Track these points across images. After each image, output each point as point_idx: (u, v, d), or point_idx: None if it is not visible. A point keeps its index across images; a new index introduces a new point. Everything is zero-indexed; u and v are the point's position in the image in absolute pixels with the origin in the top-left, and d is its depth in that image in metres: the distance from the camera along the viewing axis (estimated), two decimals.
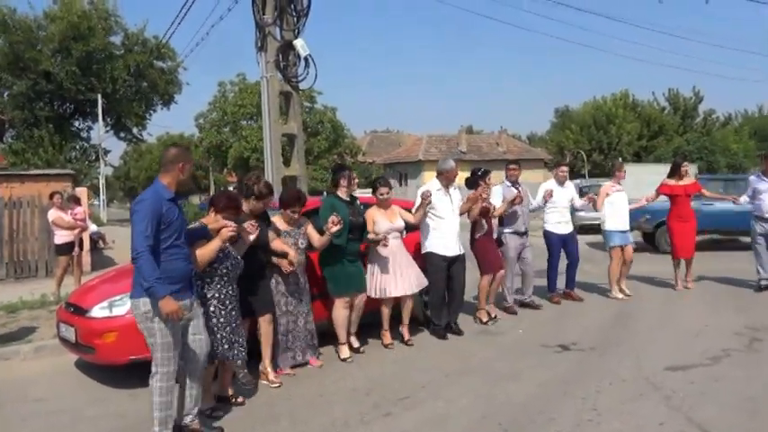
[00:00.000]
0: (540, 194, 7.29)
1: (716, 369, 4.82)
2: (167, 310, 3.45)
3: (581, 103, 42.76)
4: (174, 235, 3.61)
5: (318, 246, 5.16)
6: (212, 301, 4.10)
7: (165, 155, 3.80)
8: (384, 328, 5.78)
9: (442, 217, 5.99)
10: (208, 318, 4.03)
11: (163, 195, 3.61)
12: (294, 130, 9.55)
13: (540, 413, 4.05)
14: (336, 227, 4.91)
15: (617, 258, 7.63)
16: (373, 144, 49.73)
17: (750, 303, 7.11)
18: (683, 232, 7.94)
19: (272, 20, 9.02)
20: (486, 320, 6.56)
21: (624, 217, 7.65)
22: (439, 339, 5.99)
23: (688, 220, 7.98)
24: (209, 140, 34.62)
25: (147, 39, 29.46)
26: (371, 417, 4.13)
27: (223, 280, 4.14)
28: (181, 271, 3.65)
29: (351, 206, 5.46)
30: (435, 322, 6.12)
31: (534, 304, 7.27)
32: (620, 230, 7.62)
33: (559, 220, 7.46)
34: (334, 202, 5.44)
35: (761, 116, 40.86)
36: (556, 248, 7.49)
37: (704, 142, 28.93)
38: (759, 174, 7.91)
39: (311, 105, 33.20)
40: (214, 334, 4.05)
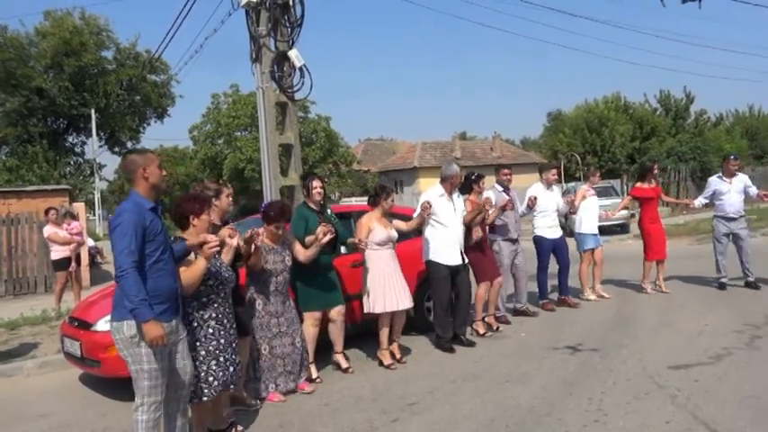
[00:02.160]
0: (526, 200, 7.28)
1: (719, 367, 4.86)
2: (153, 335, 3.14)
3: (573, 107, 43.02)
4: (160, 249, 3.31)
5: (304, 259, 4.85)
6: (210, 322, 3.78)
7: (125, 165, 3.48)
8: (382, 347, 5.46)
9: (444, 224, 5.79)
10: (207, 341, 3.74)
11: (143, 205, 3.32)
12: (291, 140, 9.58)
13: (548, 415, 4.08)
14: (327, 237, 4.70)
15: (588, 261, 7.85)
16: (368, 152, 49.79)
17: (746, 302, 7.16)
18: (657, 234, 8.15)
19: (267, 31, 9.07)
20: (483, 332, 6.37)
21: (595, 220, 7.89)
22: (444, 353, 5.76)
23: (658, 221, 8.25)
24: (204, 152, 34.58)
25: (139, 53, 29.53)
26: (380, 423, 4.15)
27: (220, 297, 3.84)
28: (168, 289, 3.34)
29: (321, 215, 5.19)
30: (440, 334, 5.88)
31: (529, 312, 7.17)
32: (592, 233, 7.84)
33: (549, 224, 7.44)
34: (303, 211, 5.21)
35: (752, 116, 41.17)
36: (546, 253, 7.45)
37: (697, 143, 29.07)
38: (720, 175, 8.23)
39: (305, 115, 33.24)
40: (216, 358, 3.75)
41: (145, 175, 3.38)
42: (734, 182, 8.02)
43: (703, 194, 8.56)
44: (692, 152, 27.16)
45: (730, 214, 7.95)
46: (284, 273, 4.79)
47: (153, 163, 3.43)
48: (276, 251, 4.78)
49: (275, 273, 4.72)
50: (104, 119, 28.96)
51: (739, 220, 7.97)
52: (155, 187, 3.43)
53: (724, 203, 8.00)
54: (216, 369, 3.76)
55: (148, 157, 3.48)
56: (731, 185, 8.00)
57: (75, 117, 28.69)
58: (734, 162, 8.19)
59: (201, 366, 3.72)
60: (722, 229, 8.02)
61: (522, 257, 7.10)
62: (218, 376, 3.76)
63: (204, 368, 3.73)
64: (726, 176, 8.11)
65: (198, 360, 3.71)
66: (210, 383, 3.74)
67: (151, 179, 3.40)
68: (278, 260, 4.76)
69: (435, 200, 5.73)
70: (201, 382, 3.71)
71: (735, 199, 7.97)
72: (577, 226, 7.92)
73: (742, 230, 7.93)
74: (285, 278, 4.81)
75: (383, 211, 5.45)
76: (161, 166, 3.49)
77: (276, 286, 4.74)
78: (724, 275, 8.05)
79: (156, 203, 3.42)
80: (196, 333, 3.74)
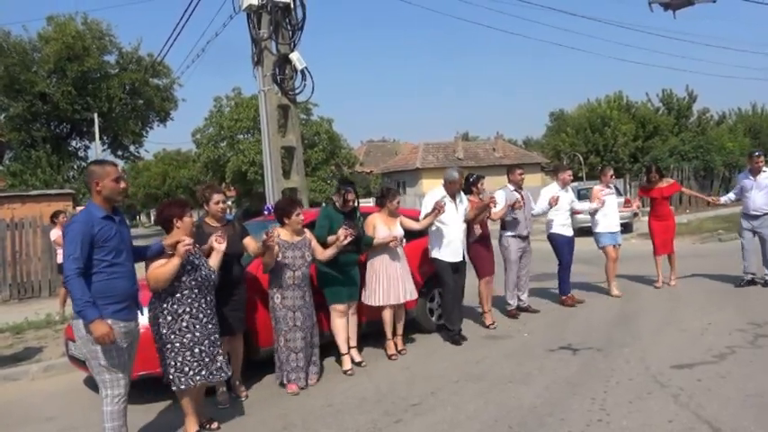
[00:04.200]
0: (544, 199, 7.42)
1: (722, 366, 4.86)
2: (98, 333, 3.36)
3: (576, 106, 43.02)
4: (113, 253, 3.50)
5: (323, 259, 5.11)
6: (184, 317, 3.90)
7: (86, 174, 3.68)
8: (387, 337, 5.77)
9: (448, 224, 6.08)
10: (181, 333, 3.88)
11: (95, 215, 3.49)
12: (293, 143, 9.62)
13: (550, 415, 4.08)
14: (347, 239, 4.91)
15: (611, 256, 7.89)
16: (370, 154, 49.90)
17: (750, 300, 7.15)
18: (662, 230, 8.24)
19: (268, 34, 9.12)
20: (489, 324, 6.70)
21: (614, 218, 7.93)
22: (454, 345, 6.03)
23: (666, 218, 8.34)
24: (207, 155, 34.70)
25: (141, 57, 29.63)
26: (383, 424, 4.16)
27: (194, 293, 3.94)
28: (123, 289, 3.54)
29: (348, 218, 5.38)
30: (450, 327, 6.17)
31: (532, 309, 7.33)
32: (610, 232, 7.90)
33: (564, 222, 7.57)
34: (330, 212, 5.45)
35: (755, 114, 41.03)
36: (565, 250, 7.54)
37: (699, 141, 28.94)
38: (747, 172, 8.12)
39: (307, 117, 33.33)
40: (190, 349, 3.88)
41: (98, 188, 3.52)
42: (759, 179, 7.80)
43: (733, 191, 8.42)
44: (694, 151, 27.06)
45: (752, 211, 7.81)
46: (303, 268, 4.93)
47: (108, 176, 3.55)
48: (296, 247, 4.93)
49: (294, 268, 4.87)
50: (107, 123, 29.08)
51: (763, 218, 7.75)
52: (108, 199, 3.56)
53: (747, 200, 7.89)
54: (191, 360, 3.88)
55: (106, 170, 3.59)
56: (755, 182, 7.81)
57: (79, 121, 28.82)
58: (757, 158, 7.95)
59: (177, 357, 3.87)
60: (745, 226, 7.95)
61: (529, 256, 7.26)
62: (194, 367, 3.88)
63: (180, 359, 3.87)
64: (751, 174, 7.91)
65: (173, 351, 3.88)
66: (186, 373, 3.87)
67: (104, 191, 3.54)
68: (297, 255, 4.91)
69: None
70: (177, 371, 3.87)
71: (758, 196, 7.79)
72: (594, 225, 8.01)
73: (764, 229, 7.75)
74: (304, 273, 4.94)
75: (389, 212, 5.74)
76: (119, 179, 3.60)
77: (294, 281, 4.88)
78: (750, 273, 7.91)
79: (113, 212, 3.59)
80: (171, 326, 3.89)
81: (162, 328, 3.90)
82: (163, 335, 3.91)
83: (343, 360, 5.41)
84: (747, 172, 8.08)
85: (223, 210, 4.69)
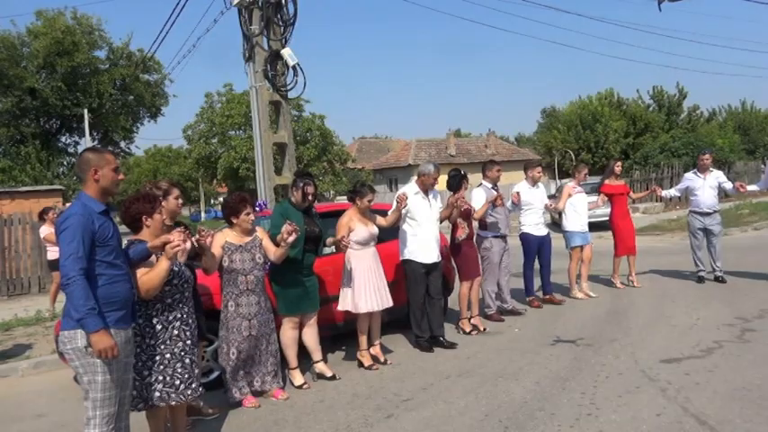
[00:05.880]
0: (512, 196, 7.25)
1: (709, 360, 4.92)
2: (102, 345, 2.95)
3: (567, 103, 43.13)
4: (113, 253, 3.13)
5: (275, 259, 4.65)
6: (175, 323, 3.60)
7: (78, 163, 3.25)
8: (361, 347, 5.43)
9: (419, 222, 5.76)
10: (172, 342, 3.56)
11: (93, 208, 3.10)
12: (285, 139, 9.61)
13: (541, 409, 4.12)
14: (292, 236, 4.46)
15: (576, 258, 7.79)
16: (362, 150, 49.79)
17: (738, 296, 7.23)
18: (626, 230, 8.22)
19: (260, 30, 9.10)
20: (469, 330, 6.37)
21: (584, 218, 7.81)
22: (423, 352, 5.76)
23: (627, 217, 8.32)
24: (198, 152, 34.53)
25: (132, 52, 29.44)
26: (374, 419, 4.19)
27: (184, 297, 3.68)
28: (123, 295, 3.16)
29: (306, 215, 5.03)
30: (418, 334, 5.87)
31: (516, 310, 7.11)
32: (580, 231, 7.77)
33: (536, 222, 7.39)
34: (286, 209, 4.99)
35: (744, 110, 41.29)
36: (532, 250, 7.44)
37: (690, 138, 29.17)
38: (695, 171, 8.31)
39: (299, 114, 33.22)
40: (182, 360, 3.56)
41: (96, 177, 3.15)
42: (708, 177, 8.10)
43: (676, 186, 8.64)
44: (684, 148, 27.26)
45: (704, 209, 8.06)
46: (255, 271, 4.59)
47: (108, 165, 3.19)
48: (244, 249, 4.57)
49: (245, 272, 4.54)
50: (97, 119, 28.86)
51: (713, 215, 8.06)
52: (106, 190, 3.20)
53: (698, 199, 8.11)
54: (182, 372, 3.56)
55: (104, 157, 3.23)
56: (705, 181, 8.08)
57: (68, 117, 28.61)
58: (703, 158, 8.28)
59: (167, 370, 3.53)
60: (696, 224, 8.15)
61: (508, 257, 7.07)
62: (185, 379, 3.56)
63: (170, 372, 3.54)
64: (700, 172, 8.19)
65: (163, 364, 3.54)
66: (177, 387, 3.54)
67: (102, 182, 3.16)
68: (246, 258, 4.55)
69: (411, 197, 5.62)
70: (167, 386, 3.53)
71: (708, 195, 8.05)
72: (564, 223, 7.85)
73: (715, 226, 8.03)
74: (258, 277, 4.61)
75: (362, 211, 5.35)
76: (117, 169, 3.26)
77: (247, 286, 4.55)
78: (701, 269, 8.18)
79: (107, 206, 3.22)
80: (160, 336, 3.56)
81: (149, 339, 3.54)
82: (149, 346, 3.53)
83: (293, 375, 5.00)
84: (696, 171, 8.28)
85: (180, 206, 4.44)
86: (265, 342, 4.67)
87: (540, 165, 7.96)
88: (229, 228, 4.66)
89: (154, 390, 3.51)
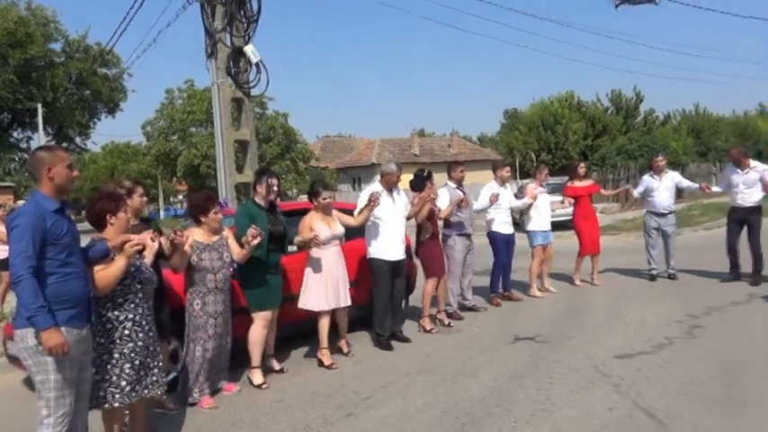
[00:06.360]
0: (484, 196, 7.37)
1: (660, 356, 5.09)
2: (52, 343, 2.93)
3: (529, 105, 43.86)
4: (66, 251, 3.09)
5: (238, 259, 4.67)
6: (126, 324, 3.51)
7: (31, 161, 3.24)
8: (322, 346, 5.41)
9: (384, 220, 5.84)
10: (122, 342, 3.49)
11: (46, 207, 3.07)
12: (247, 137, 9.51)
13: (498, 406, 4.19)
14: (256, 240, 4.48)
15: (538, 257, 7.97)
16: (326, 149, 49.63)
17: (689, 293, 7.48)
18: (589, 229, 8.42)
19: (222, 26, 8.97)
20: (429, 328, 6.43)
21: (546, 217, 8.00)
22: (383, 350, 5.80)
23: (591, 217, 8.51)
24: (158, 148, 33.86)
25: (89, 45, 28.70)
26: (334, 418, 4.18)
27: (138, 297, 3.58)
28: (77, 292, 3.13)
29: (270, 214, 5.04)
30: (379, 332, 5.92)
31: (476, 308, 7.23)
32: (542, 230, 7.96)
33: (504, 220, 7.55)
34: (251, 209, 4.98)
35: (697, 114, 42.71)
36: (502, 249, 7.57)
37: (645, 141, 30.06)
38: (652, 173, 8.60)
39: (262, 111, 32.93)
40: (131, 361, 3.49)
41: (50, 175, 3.10)
42: (664, 179, 8.37)
43: (637, 189, 8.93)
44: (640, 150, 28.06)
45: (659, 210, 8.33)
46: (224, 270, 4.59)
47: (61, 162, 3.15)
48: (212, 248, 4.57)
49: (214, 270, 4.53)
50: (52, 113, 28.04)
51: (668, 216, 8.33)
52: (60, 188, 3.16)
53: (654, 200, 8.37)
54: (130, 372, 3.48)
55: (57, 155, 3.19)
56: (661, 182, 8.35)
57: (21, 111, 27.73)
58: (657, 160, 8.58)
59: (114, 370, 3.46)
60: (652, 224, 8.41)
61: (473, 255, 7.16)
62: (132, 380, 3.48)
63: (117, 371, 3.46)
64: (656, 174, 8.46)
65: (110, 363, 3.46)
66: (123, 388, 3.46)
67: (56, 179, 3.12)
68: (215, 257, 4.56)
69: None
70: (113, 386, 3.45)
71: (664, 196, 8.32)
72: (527, 223, 8.02)
73: (669, 227, 8.32)
74: (225, 276, 4.61)
75: (323, 209, 5.38)
76: (71, 166, 3.22)
77: (216, 284, 4.55)
78: (654, 268, 8.45)
79: (62, 204, 3.18)
80: (111, 335, 3.48)
81: (99, 338, 3.45)
82: (99, 345, 3.45)
83: (254, 374, 4.97)
84: (652, 173, 8.57)
85: (144, 204, 4.42)
86: (224, 341, 4.70)
87: (509, 165, 8.10)
88: (196, 226, 4.64)
89: (99, 389, 3.45)
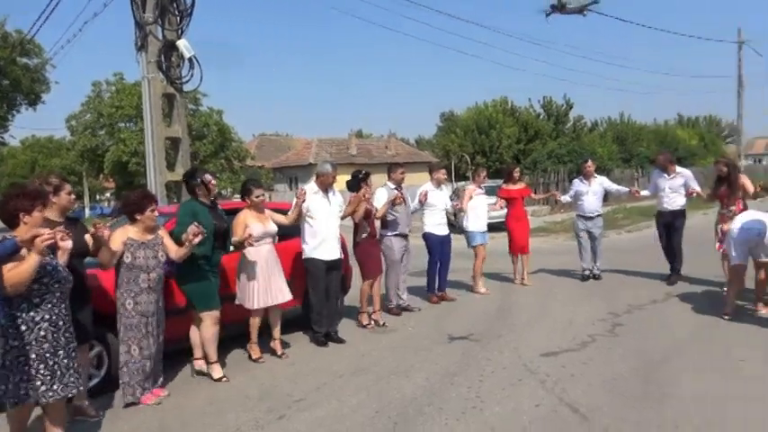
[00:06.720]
0: (417, 197, 7.53)
1: (584, 353, 5.31)
2: None
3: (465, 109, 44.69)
4: None
5: (176, 258, 4.64)
6: (42, 324, 3.40)
7: None
8: (252, 340, 5.50)
9: (320, 220, 5.90)
10: (38, 343, 3.38)
11: None
12: (178, 134, 9.25)
13: (429, 404, 4.26)
14: (198, 237, 4.46)
15: (480, 256, 8.19)
16: (262, 148, 48.90)
17: (612, 292, 7.83)
18: (519, 231, 8.71)
19: (153, 19, 8.69)
20: (366, 323, 6.60)
21: (484, 218, 8.23)
22: (318, 347, 5.91)
23: (522, 219, 8.81)
24: (83, 144, 32.35)
25: (8, 33, 26.99)
26: (265, 421, 4.13)
27: (55, 296, 3.47)
28: None
29: (213, 211, 5.05)
30: (315, 329, 6.02)
31: (411, 308, 7.34)
32: (480, 231, 8.18)
33: (438, 222, 7.68)
34: (194, 206, 4.95)
35: (622, 122, 44.72)
36: (436, 249, 7.71)
37: (574, 146, 31.26)
38: (581, 178, 9.00)
39: (196, 108, 32.06)
40: (45, 362, 3.39)
41: None
42: (592, 183, 8.76)
43: (568, 194, 9.32)
44: (569, 155, 29.14)
45: (587, 213, 8.71)
46: (158, 269, 4.54)
47: None
48: (147, 246, 4.52)
49: (147, 269, 4.48)
50: None
51: (595, 219, 8.73)
52: None
53: (583, 203, 8.75)
54: (45, 373, 3.40)
55: None
56: (590, 187, 8.73)
57: None
58: (585, 166, 8.98)
59: (30, 370, 3.38)
60: (581, 227, 8.80)
61: (409, 255, 7.28)
62: (47, 381, 3.40)
63: (32, 372, 3.38)
64: (585, 179, 8.85)
65: (28, 365, 3.37)
66: (38, 388, 3.38)
67: None
68: (150, 255, 4.50)
69: (310, 196, 5.80)
70: (29, 387, 3.38)
71: (591, 199, 8.71)
72: (466, 224, 8.22)
73: (596, 230, 8.71)
74: (159, 275, 4.56)
75: (255, 207, 5.42)
76: None
77: (149, 284, 4.49)
78: (586, 268, 8.81)
79: None
80: (25, 336, 3.38)
81: (12, 341, 3.34)
82: (12, 347, 3.34)
83: (213, 368, 5.03)
84: (582, 177, 8.97)
85: (72, 202, 4.25)
86: (157, 342, 4.65)
87: (445, 168, 8.23)
88: (131, 224, 4.56)
89: (19, 389, 3.35)
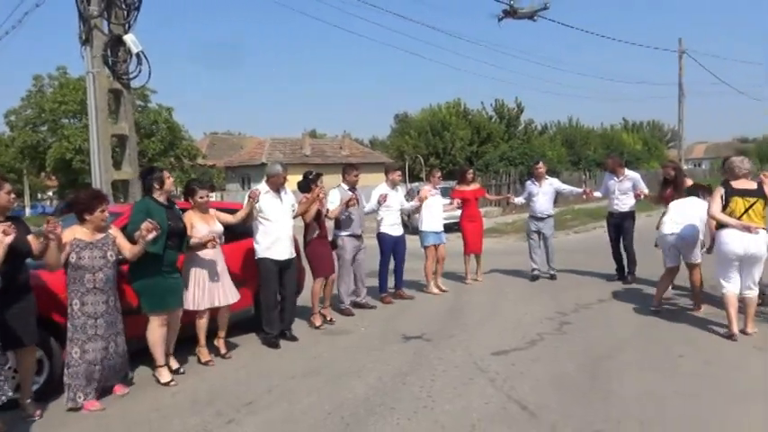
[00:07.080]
0: (374, 198, 7.56)
1: (532, 351, 5.42)
2: None
3: (419, 110, 45.03)
4: None
5: (130, 257, 4.59)
6: None
7: None
8: (200, 343, 5.40)
9: (272, 220, 5.85)
10: None
11: None
12: (125, 131, 8.99)
13: (381, 404, 4.26)
14: (151, 234, 4.43)
15: (431, 256, 8.27)
16: (214, 146, 48.03)
17: (560, 292, 8.03)
18: (473, 231, 8.88)
19: (99, 12, 8.43)
20: (319, 324, 6.59)
21: (438, 219, 8.32)
22: (270, 348, 5.84)
23: (475, 220, 8.96)
24: (23, 140, 31.00)
25: None
26: (213, 426, 4.04)
27: None
28: None
29: (169, 210, 4.97)
30: (267, 330, 5.95)
31: (368, 305, 7.44)
32: (434, 231, 8.26)
33: (392, 222, 7.74)
34: (148, 204, 4.89)
35: (571, 126, 45.97)
36: (388, 250, 7.76)
37: (525, 149, 31.94)
38: (533, 180, 9.23)
39: (144, 105, 31.21)
40: None
41: None
42: (543, 185, 8.98)
43: (522, 195, 9.52)
44: (520, 157, 29.77)
45: (538, 214, 8.92)
46: (105, 269, 4.45)
47: None
48: (95, 246, 4.43)
49: (93, 269, 4.39)
50: None
51: (546, 220, 8.94)
52: None
53: (534, 204, 8.96)
54: None
55: None
56: (540, 189, 8.95)
57: None
58: (536, 168, 9.21)
59: None
60: (532, 227, 9.00)
61: (363, 254, 7.33)
62: None
63: None
64: (536, 180, 9.05)
65: None
66: None
67: None
68: (97, 255, 4.41)
69: (262, 196, 5.75)
70: None
71: (542, 201, 8.92)
72: (420, 224, 8.30)
73: (547, 230, 8.92)
74: (107, 275, 4.46)
75: (200, 208, 5.35)
76: None
77: (96, 284, 4.40)
78: (536, 268, 9.01)
79: None
80: None
81: None
82: None
83: (161, 372, 4.91)
84: (533, 179, 9.18)
85: (12, 201, 4.10)
86: (113, 343, 4.54)
87: (400, 169, 8.27)
88: (79, 224, 4.47)
89: None
